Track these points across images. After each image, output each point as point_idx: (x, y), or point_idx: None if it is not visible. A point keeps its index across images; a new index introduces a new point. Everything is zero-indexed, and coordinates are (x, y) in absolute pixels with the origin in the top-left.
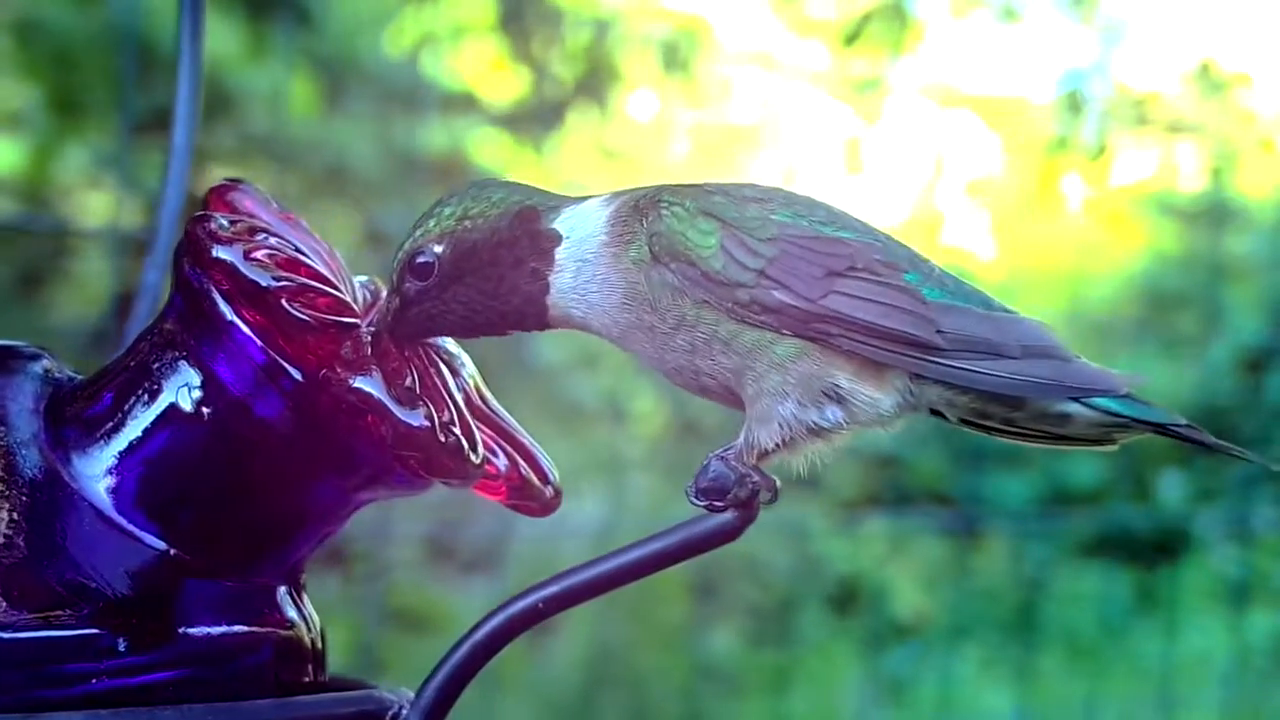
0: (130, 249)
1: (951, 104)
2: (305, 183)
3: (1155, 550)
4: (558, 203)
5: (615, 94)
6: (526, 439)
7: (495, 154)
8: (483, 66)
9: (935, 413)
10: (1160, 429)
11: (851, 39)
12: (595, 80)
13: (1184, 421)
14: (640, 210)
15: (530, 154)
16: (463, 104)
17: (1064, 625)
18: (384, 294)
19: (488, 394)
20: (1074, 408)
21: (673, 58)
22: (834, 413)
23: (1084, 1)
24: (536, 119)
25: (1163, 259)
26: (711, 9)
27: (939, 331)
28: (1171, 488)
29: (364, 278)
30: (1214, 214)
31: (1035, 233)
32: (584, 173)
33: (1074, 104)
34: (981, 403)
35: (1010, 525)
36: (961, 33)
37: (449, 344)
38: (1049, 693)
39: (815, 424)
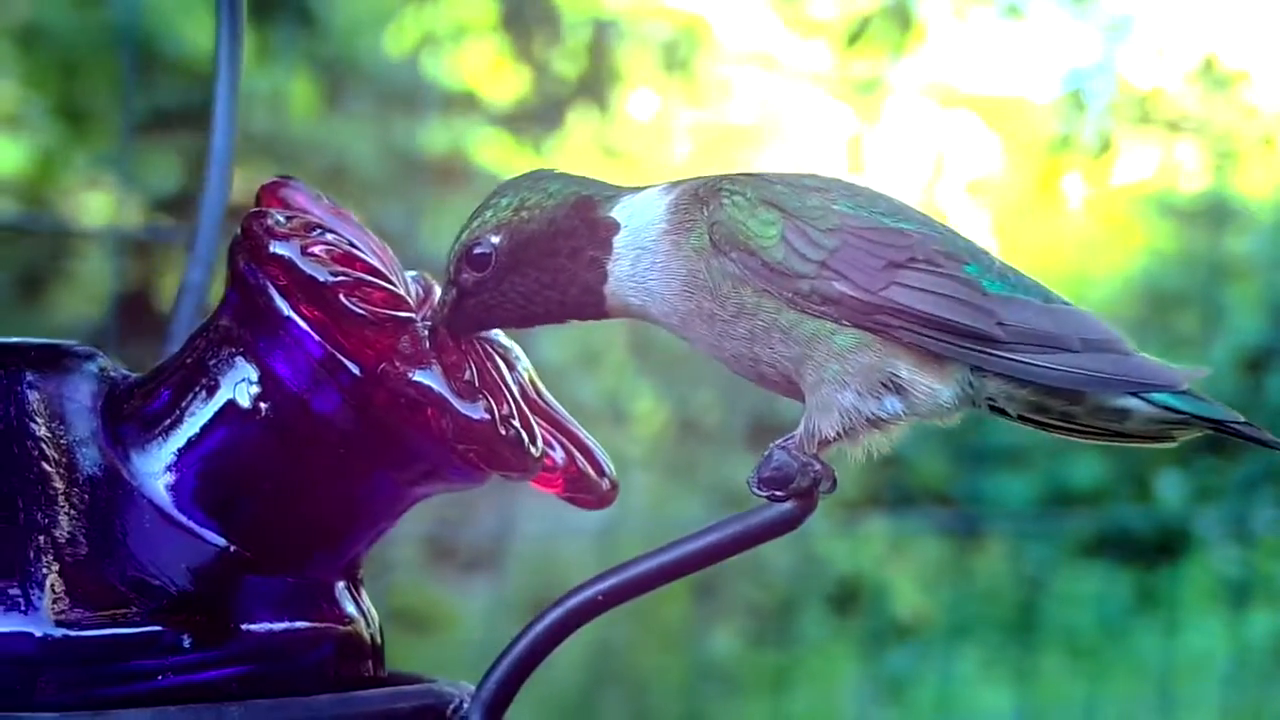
0: (130, 249)
1: (952, 104)
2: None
3: (1155, 550)
4: (615, 192)
5: (616, 94)
6: (581, 432)
7: (496, 154)
8: (483, 66)
9: (994, 408)
10: (1219, 426)
11: (854, 39)
12: (596, 80)
13: (1242, 419)
14: (701, 199)
15: (531, 154)
16: (463, 104)
17: (1064, 625)
18: (435, 289)
19: (542, 388)
20: (1133, 403)
21: (673, 57)
22: (893, 403)
23: None
24: (537, 119)
25: (1163, 259)
26: (712, 9)
27: (999, 324)
28: (1171, 488)
29: (414, 273)
30: (1214, 214)
31: (1035, 233)
32: (585, 173)
33: (1078, 102)
34: (1040, 396)
35: (1010, 525)
36: (963, 31)
37: (503, 337)
38: (1049, 693)
39: (874, 414)
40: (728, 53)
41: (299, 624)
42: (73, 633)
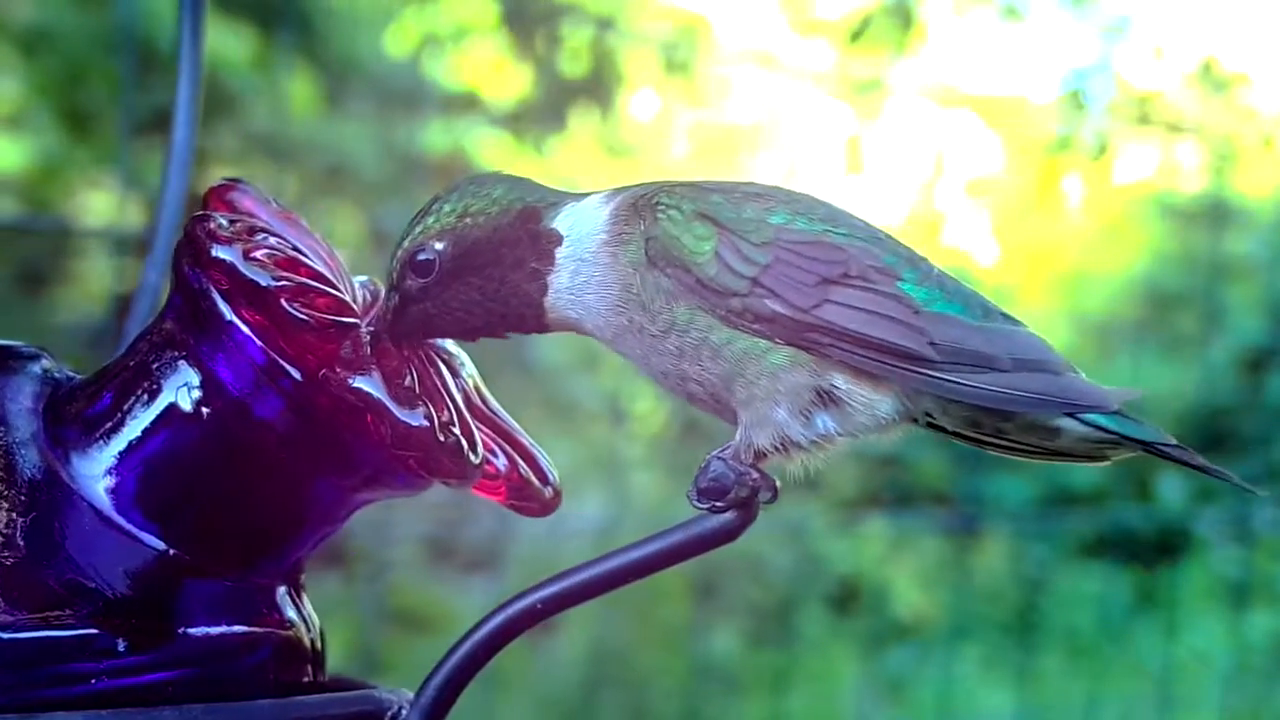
0: (131, 249)
1: (952, 103)
2: (306, 182)
3: (1155, 550)
4: (557, 199)
5: (617, 94)
6: (526, 439)
7: (496, 154)
8: (484, 67)
9: (931, 424)
10: (1149, 448)
11: (855, 37)
12: (597, 80)
13: (1173, 442)
14: (638, 210)
15: (532, 154)
16: (464, 104)
17: (1064, 625)
18: (383, 293)
19: (487, 394)
20: (1065, 422)
21: (673, 57)
22: (825, 422)
23: (1085, 0)
24: (538, 119)
25: (1163, 259)
26: (712, 8)
27: (931, 343)
28: (1172, 488)
29: (363, 278)
30: (1214, 214)
31: (1035, 233)
32: (586, 173)
33: (1077, 103)
34: (972, 413)
35: (1010, 525)
36: (963, 31)
37: (448, 344)
38: (1049, 693)
39: (805, 434)
40: (728, 53)
41: (238, 628)
42: (6, 635)
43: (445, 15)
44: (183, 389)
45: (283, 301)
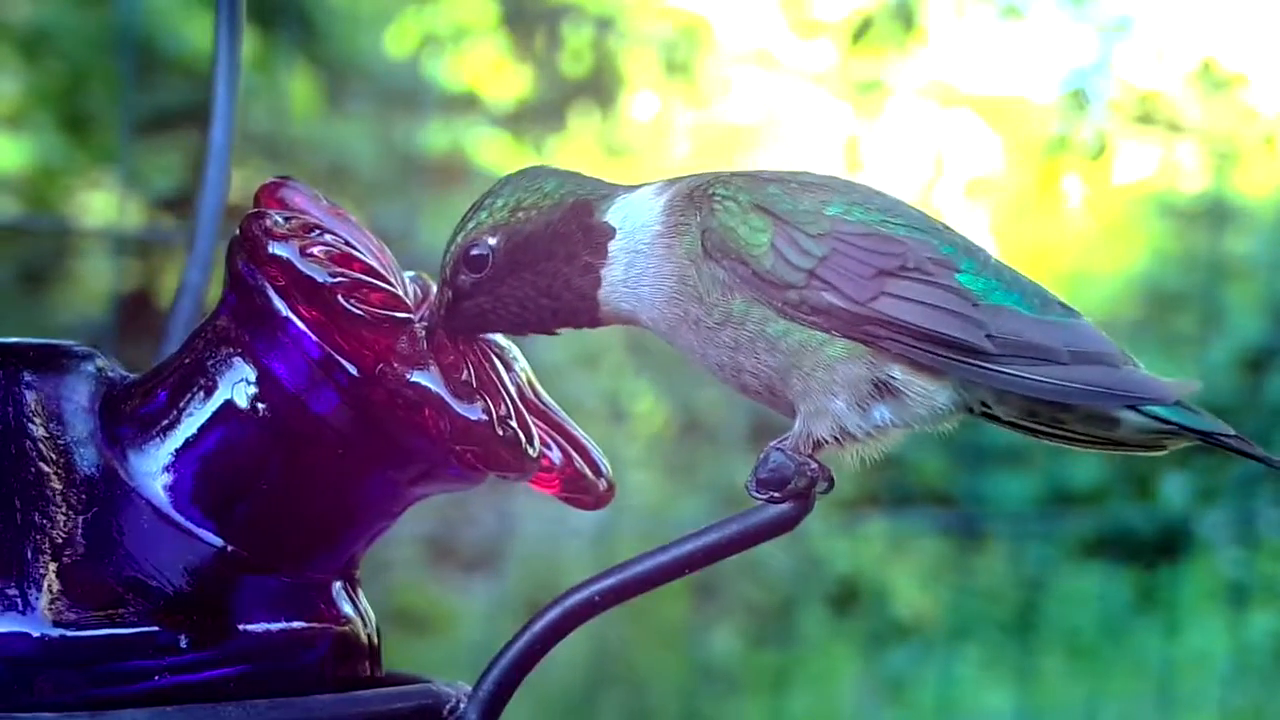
0: (131, 249)
1: (952, 103)
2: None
3: (1156, 550)
4: (609, 191)
5: (617, 94)
6: (579, 432)
7: (496, 154)
8: (484, 67)
9: (987, 414)
10: (1208, 438)
11: (857, 38)
12: (597, 80)
13: (1232, 432)
14: (694, 201)
15: (531, 154)
16: (464, 104)
17: (1064, 625)
18: (433, 289)
19: (539, 388)
20: (1124, 413)
21: (673, 57)
22: (882, 413)
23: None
24: (537, 119)
25: (1163, 259)
26: (712, 8)
27: (989, 336)
28: (1173, 488)
29: (412, 273)
30: (1214, 214)
31: (1035, 233)
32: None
33: (1077, 103)
34: (1030, 403)
35: (1010, 525)
36: (963, 31)
37: (499, 338)
38: (1049, 693)
39: (862, 425)
40: (728, 53)
41: (296, 624)
42: (70, 633)
43: (445, 15)
44: (238, 385)
45: (339, 297)
